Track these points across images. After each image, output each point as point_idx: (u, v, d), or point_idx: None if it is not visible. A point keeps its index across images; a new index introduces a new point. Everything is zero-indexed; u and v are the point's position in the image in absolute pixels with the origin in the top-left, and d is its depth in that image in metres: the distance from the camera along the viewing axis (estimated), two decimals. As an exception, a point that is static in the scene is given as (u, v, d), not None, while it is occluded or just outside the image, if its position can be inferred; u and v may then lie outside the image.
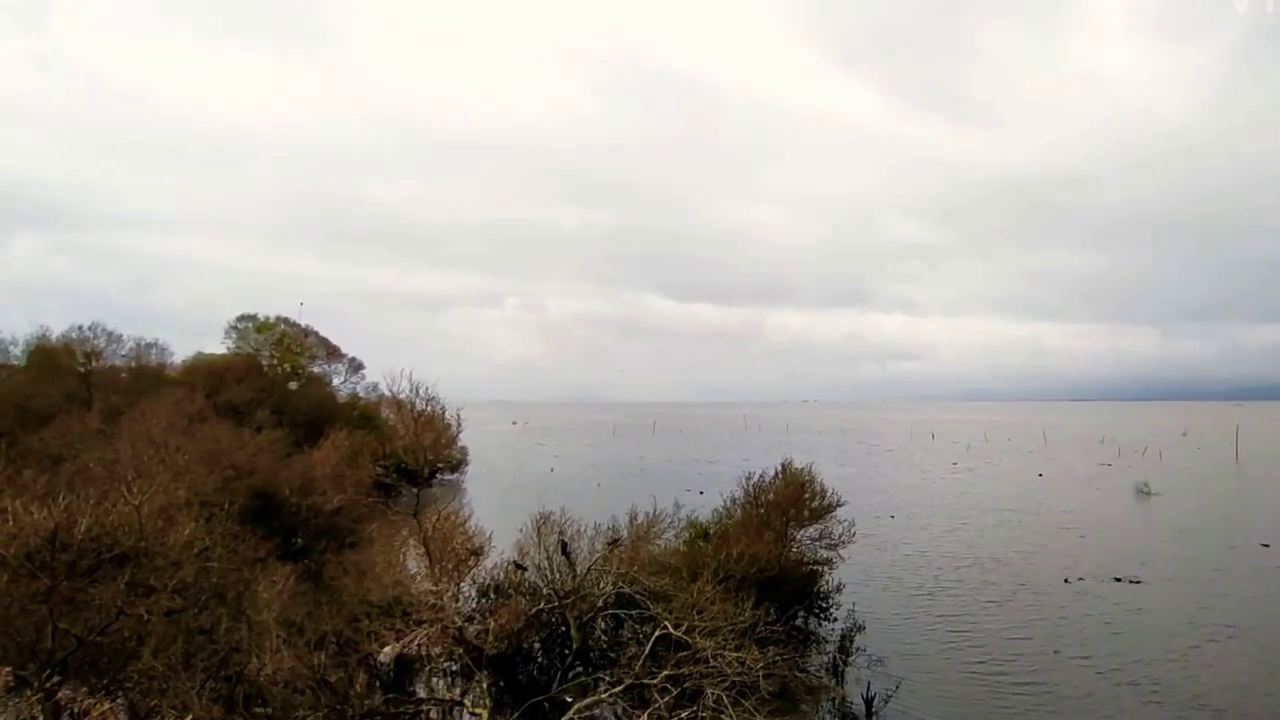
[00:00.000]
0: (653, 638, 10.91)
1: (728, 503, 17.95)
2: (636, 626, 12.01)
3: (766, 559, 13.82)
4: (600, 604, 12.30)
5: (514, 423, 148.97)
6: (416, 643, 11.13)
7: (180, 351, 48.46)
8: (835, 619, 16.56)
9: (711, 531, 16.53)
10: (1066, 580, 23.08)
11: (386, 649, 10.92)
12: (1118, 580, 23.02)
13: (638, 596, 11.95)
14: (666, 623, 10.95)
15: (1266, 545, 27.87)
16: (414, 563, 13.76)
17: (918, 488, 46.05)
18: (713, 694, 9.18)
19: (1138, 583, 22.74)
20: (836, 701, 13.74)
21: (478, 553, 13.77)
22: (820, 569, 16.59)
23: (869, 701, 13.19)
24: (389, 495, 20.63)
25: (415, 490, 14.81)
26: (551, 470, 57.06)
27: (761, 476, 17.84)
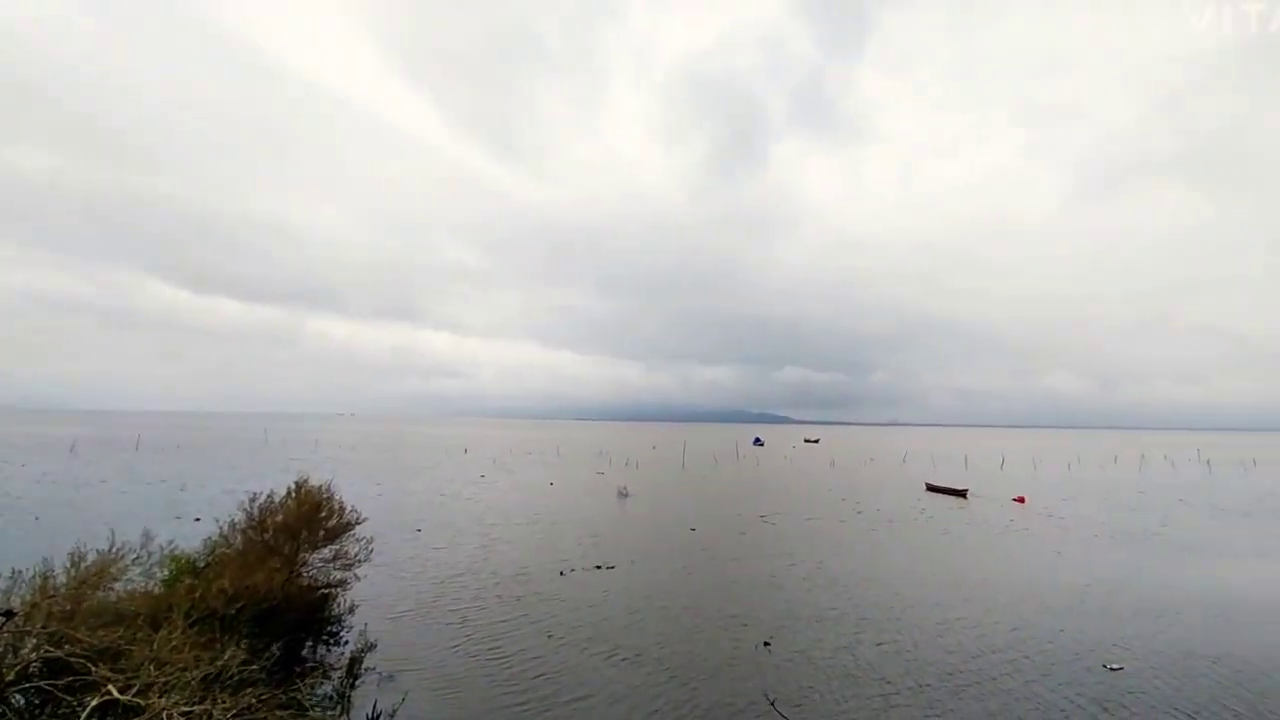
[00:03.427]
0: (89, 708, 8.45)
1: (226, 529, 15.30)
2: (71, 697, 9.12)
3: (267, 589, 12.15)
4: (13, 677, 8.99)
5: None
6: None
7: None
8: (346, 642, 15.57)
9: (201, 565, 13.80)
10: (561, 573, 26.60)
11: None
12: (598, 568, 27.57)
13: (74, 660, 9.15)
14: (112, 686, 8.64)
15: (694, 530, 37.21)
16: None
17: (445, 501, 47.34)
18: (165, 760, 7.53)
19: (612, 568, 27.58)
20: (340, 728, 12.78)
21: None
22: (333, 591, 15.41)
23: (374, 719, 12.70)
24: None
25: None
26: (-43, 503, 39.93)
27: (270, 497, 15.73)
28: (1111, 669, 17.18)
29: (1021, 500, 54.44)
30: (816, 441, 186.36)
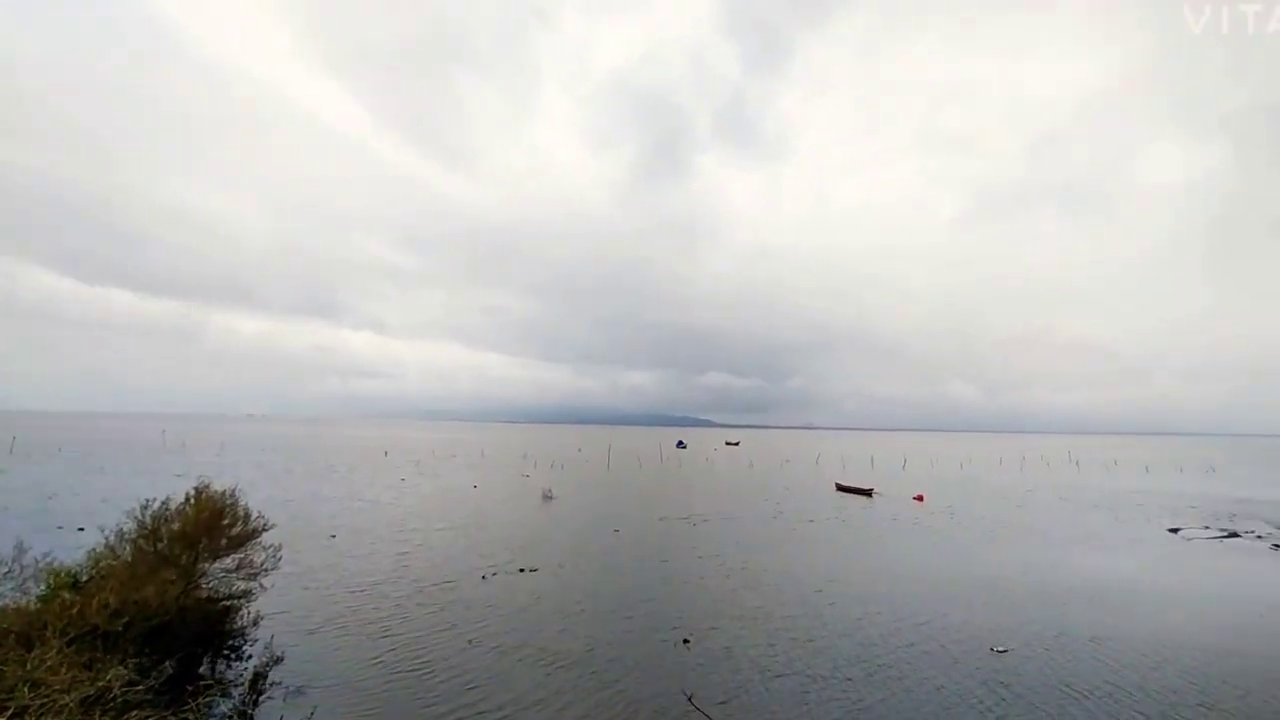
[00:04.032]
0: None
1: (113, 539, 13.78)
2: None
3: (160, 602, 11.03)
4: None
5: None
6: None
7: None
8: (249, 657, 14.38)
9: (83, 578, 12.38)
10: (484, 577, 25.83)
11: None
12: (521, 571, 26.94)
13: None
14: (-23, 713, 7.63)
15: (618, 531, 37.06)
16: None
17: (362, 506, 45.02)
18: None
19: (535, 571, 27.02)
20: (241, 748, 11.82)
21: None
22: (236, 603, 14.19)
23: (278, 737, 11.82)
24: None
25: None
26: None
27: (166, 504, 14.31)
28: (998, 652, 18.35)
29: (920, 499, 57.48)
30: (737, 444, 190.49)
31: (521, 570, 27.07)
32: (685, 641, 18.58)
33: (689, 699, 14.46)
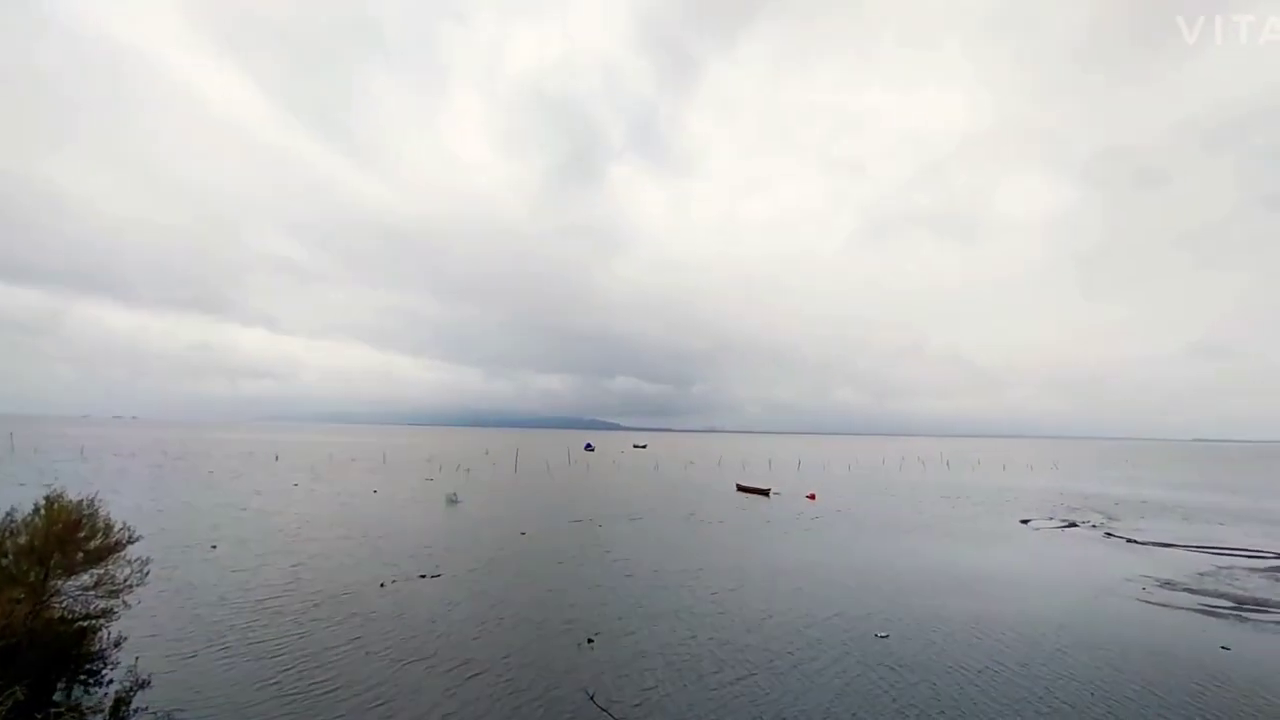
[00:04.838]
0: None
1: (-56, 556, 11.85)
2: None
3: (5, 623, 9.61)
4: None
5: None
6: None
7: None
8: (110, 681, 12.78)
9: (-96, 601, 10.59)
10: (382, 585, 24.50)
11: None
12: (424, 577, 25.78)
13: None
14: None
15: (524, 534, 36.33)
16: None
17: (248, 515, 41.34)
18: None
19: (438, 576, 25.95)
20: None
21: None
22: (96, 623, 12.58)
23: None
24: None
25: None
26: None
27: (10, 515, 12.46)
28: (879, 637, 19.53)
29: (812, 497, 60.30)
30: (644, 447, 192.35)
31: (424, 577, 25.90)
32: (589, 641, 18.43)
33: (591, 698, 14.33)
